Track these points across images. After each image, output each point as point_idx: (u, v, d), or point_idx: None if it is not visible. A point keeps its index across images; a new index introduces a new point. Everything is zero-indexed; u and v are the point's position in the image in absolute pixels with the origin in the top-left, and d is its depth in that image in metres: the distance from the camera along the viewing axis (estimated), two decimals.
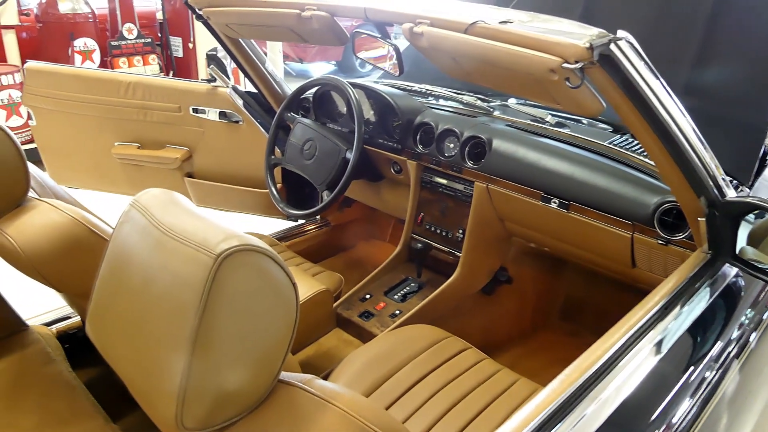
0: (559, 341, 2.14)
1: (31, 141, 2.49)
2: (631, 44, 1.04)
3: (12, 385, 1.41)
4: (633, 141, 1.76)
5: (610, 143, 1.73)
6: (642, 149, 1.69)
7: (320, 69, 8.06)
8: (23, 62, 4.44)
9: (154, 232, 0.74)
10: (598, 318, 2.14)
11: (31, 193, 1.31)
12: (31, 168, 1.31)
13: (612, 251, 1.66)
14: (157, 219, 0.75)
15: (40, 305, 1.78)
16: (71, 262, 1.20)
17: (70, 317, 1.73)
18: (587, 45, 0.98)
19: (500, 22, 1.13)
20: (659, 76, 1.11)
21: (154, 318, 0.71)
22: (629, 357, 1.09)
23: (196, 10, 1.85)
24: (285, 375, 0.76)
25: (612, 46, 1.01)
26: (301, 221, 2.57)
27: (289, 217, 2.46)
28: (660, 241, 1.51)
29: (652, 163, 1.60)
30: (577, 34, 1.02)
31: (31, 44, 4.82)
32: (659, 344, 1.14)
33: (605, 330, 1.17)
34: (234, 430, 0.71)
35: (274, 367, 0.72)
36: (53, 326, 1.69)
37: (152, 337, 0.71)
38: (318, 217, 2.59)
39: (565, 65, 1.01)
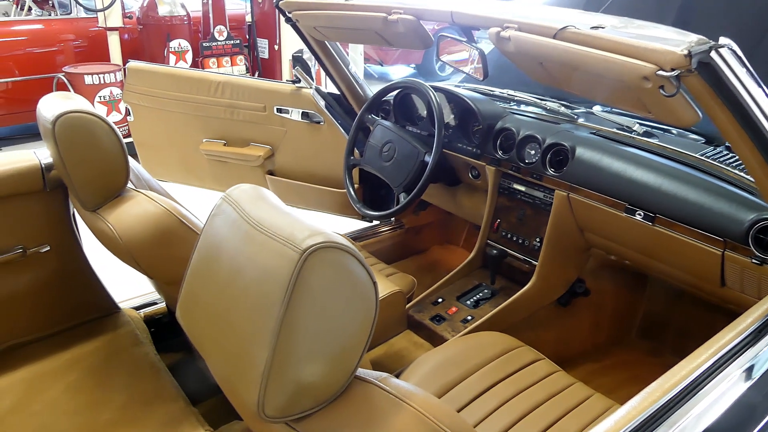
0: (637, 359, 2.05)
1: (128, 135, 2.64)
2: (734, 51, 0.99)
3: (105, 362, 1.51)
4: (727, 154, 1.67)
5: (702, 155, 1.65)
6: (738, 162, 1.60)
7: (400, 72, 8.12)
8: (124, 62, 4.74)
9: (244, 226, 0.77)
10: (681, 338, 2.05)
11: (128, 184, 1.40)
12: (130, 161, 1.39)
13: (699, 268, 1.58)
14: (247, 213, 0.79)
15: (125, 283, 1.89)
16: (163, 250, 1.27)
17: (156, 303, 1.83)
18: (685, 52, 0.94)
19: (592, 27, 1.11)
20: (763, 86, 1.05)
21: (240, 308, 0.74)
22: (715, 382, 1.04)
23: (286, 13, 1.92)
24: (361, 372, 0.78)
25: (713, 54, 0.96)
26: (376, 222, 2.60)
27: (364, 218, 2.49)
28: (754, 261, 1.42)
29: (749, 177, 1.52)
30: (674, 41, 0.98)
31: (132, 45, 5.13)
32: (749, 370, 1.07)
33: (688, 351, 1.12)
34: (310, 421, 0.73)
35: (352, 363, 0.74)
36: (141, 311, 1.79)
37: (238, 327, 0.75)
38: (393, 219, 2.61)
39: (660, 73, 0.97)
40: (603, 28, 1.10)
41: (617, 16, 1.17)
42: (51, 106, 1.31)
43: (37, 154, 1.52)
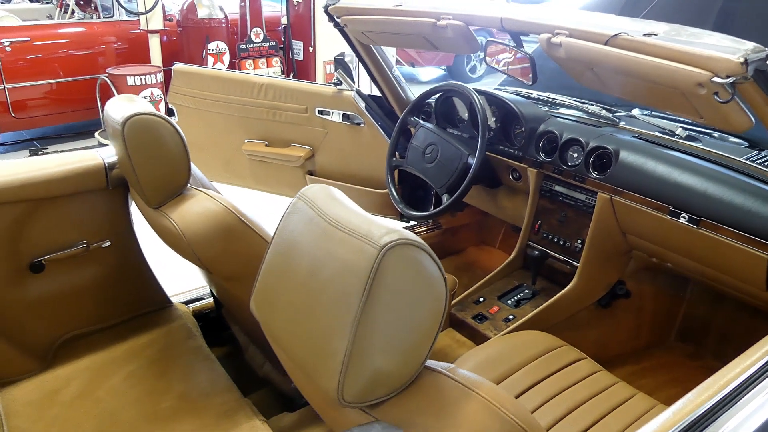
0: (677, 362, 2.06)
1: None
2: None
3: (161, 353, 1.58)
4: None
5: (746, 159, 1.65)
6: None
7: (430, 73, 8.14)
8: (164, 63, 4.86)
9: (321, 223, 0.82)
10: (722, 342, 2.05)
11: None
12: None
13: (744, 272, 1.59)
14: (323, 211, 0.84)
15: (170, 279, 1.95)
16: (223, 246, 1.32)
17: (203, 298, 1.90)
18: (741, 60, 0.96)
19: (644, 35, 1.13)
20: None
21: (320, 301, 0.79)
22: (759, 388, 1.05)
23: (335, 18, 1.97)
24: (429, 362, 0.82)
25: None
26: (413, 223, 2.64)
27: (402, 217, 2.53)
28: None
29: None
30: (729, 48, 1.00)
31: (171, 47, 5.26)
32: None
33: (729, 355, 1.13)
34: (384, 408, 0.78)
35: (423, 353, 0.78)
36: (190, 305, 1.86)
37: (318, 319, 0.80)
38: (430, 219, 2.64)
39: (715, 80, 1.00)
40: (656, 35, 1.12)
41: (668, 23, 1.19)
42: (119, 108, 1.37)
43: (100, 154, 1.60)
